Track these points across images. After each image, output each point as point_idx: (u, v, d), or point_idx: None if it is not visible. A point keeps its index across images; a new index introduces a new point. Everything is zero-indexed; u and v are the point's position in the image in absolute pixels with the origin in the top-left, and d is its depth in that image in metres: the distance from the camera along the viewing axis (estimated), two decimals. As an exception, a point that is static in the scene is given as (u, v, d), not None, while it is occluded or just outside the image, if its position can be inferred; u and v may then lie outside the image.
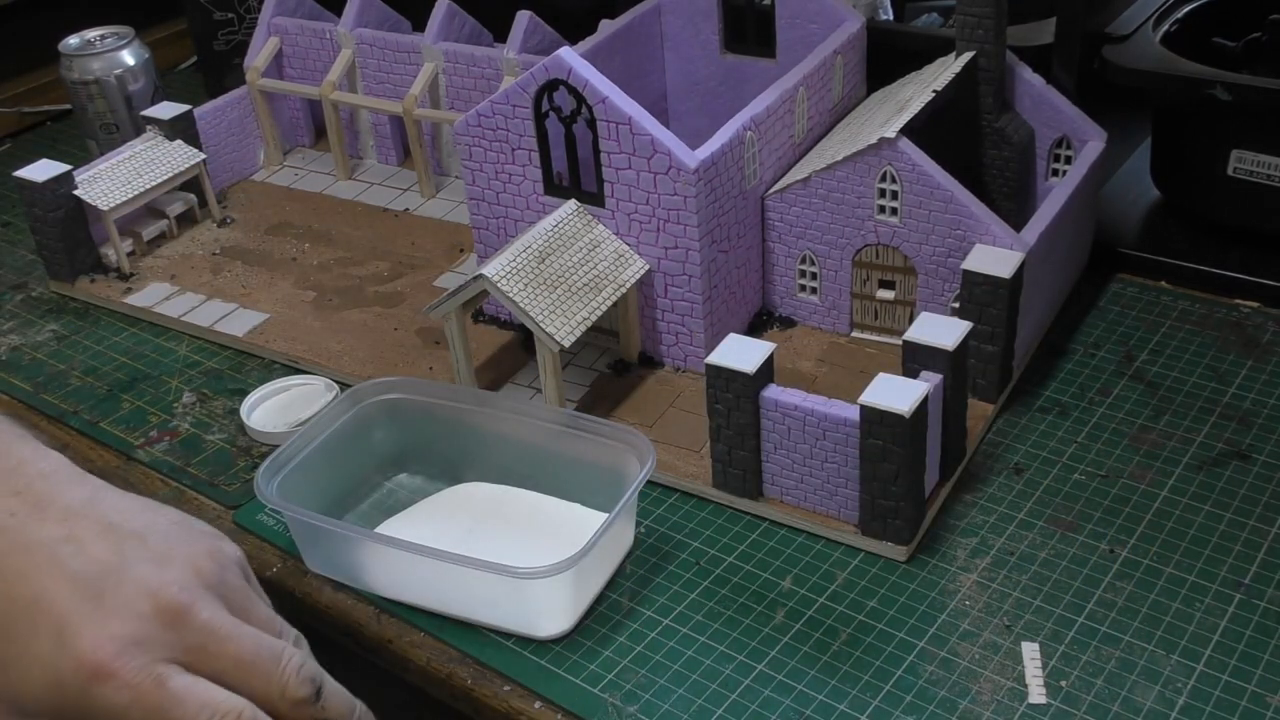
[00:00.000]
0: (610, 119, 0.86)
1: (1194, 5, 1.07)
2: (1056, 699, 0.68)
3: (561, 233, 0.89)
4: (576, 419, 0.81)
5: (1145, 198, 1.09)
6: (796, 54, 1.02)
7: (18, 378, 1.02)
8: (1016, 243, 0.86)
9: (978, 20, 0.94)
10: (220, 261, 1.13)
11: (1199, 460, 0.84)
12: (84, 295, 1.11)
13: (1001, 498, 0.82)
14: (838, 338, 0.96)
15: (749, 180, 0.92)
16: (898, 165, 0.87)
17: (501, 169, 0.93)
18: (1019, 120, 0.98)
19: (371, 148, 1.27)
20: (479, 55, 1.14)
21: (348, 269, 1.10)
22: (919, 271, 0.91)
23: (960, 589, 0.75)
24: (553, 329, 0.84)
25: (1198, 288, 1.00)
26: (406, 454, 0.86)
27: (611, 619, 0.75)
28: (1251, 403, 0.88)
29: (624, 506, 0.74)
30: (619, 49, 1.05)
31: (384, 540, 0.76)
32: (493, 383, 0.94)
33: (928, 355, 0.77)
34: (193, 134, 1.17)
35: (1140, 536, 0.78)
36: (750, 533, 0.81)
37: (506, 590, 0.72)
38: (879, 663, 0.71)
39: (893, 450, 0.73)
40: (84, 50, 1.25)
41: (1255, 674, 0.69)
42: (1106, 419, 0.88)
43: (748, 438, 0.79)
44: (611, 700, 0.70)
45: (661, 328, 0.93)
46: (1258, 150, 0.97)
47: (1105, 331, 0.96)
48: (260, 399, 0.94)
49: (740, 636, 0.74)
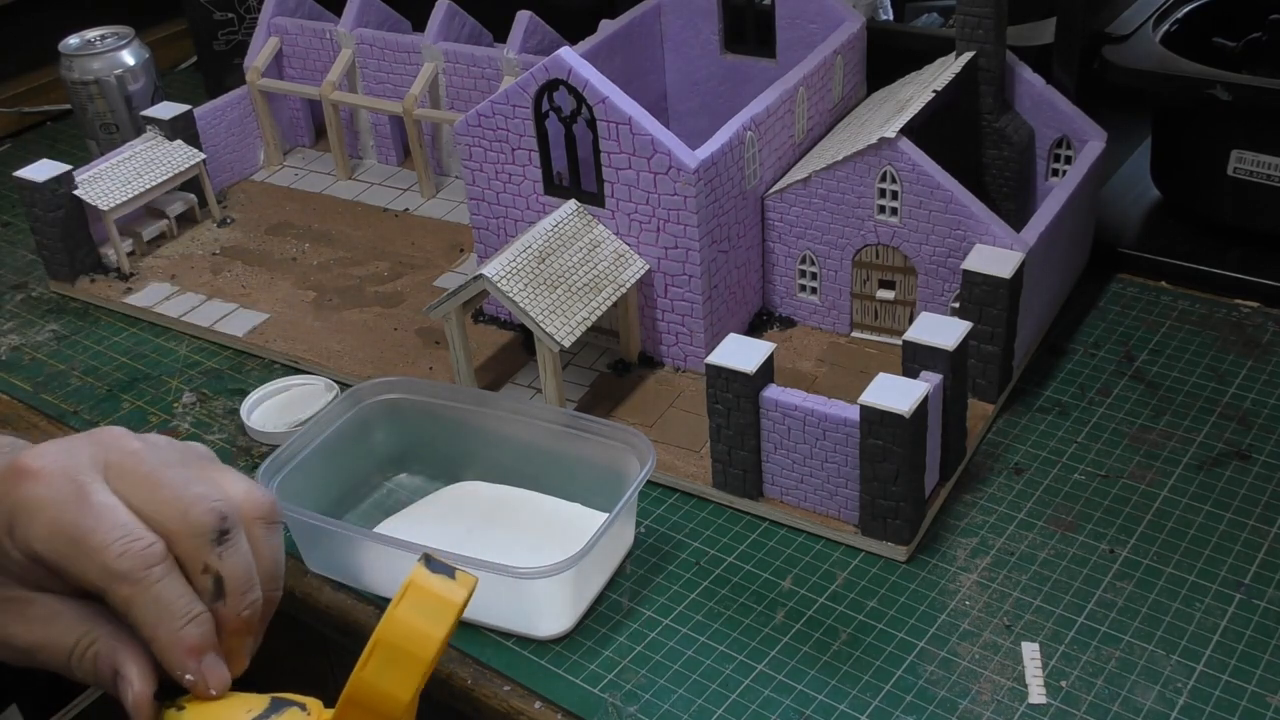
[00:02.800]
0: (610, 119, 0.86)
1: (1194, 5, 1.07)
2: (1056, 699, 0.68)
3: (561, 233, 0.89)
4: (576, 419, 0.80)
5: (1145, 198, 1.09)
6: (796, 54, 1.02)
7: (18, 378, 1.01)
8: (1016, 243, 0.86)
9: (978, 20, 0.94)
10: (220, 261, 1.13)
11: (1199, 460, 0.84)
12: (84, 295, 1.11)
13: (1001, 498, 0.82)
14: (838, 338, 0.96)
15: (749, 180, 0.91)
16: (898, 165, 0.87)
17: (501, 169, 0.93)
18: (1019, 120, 0.98)
19: (371, 148, 1.27)
20: (479, 55, 1.14)
21: (348, 269, 1.10)
22: (919, 271, 0.91)
23: (960, 589, 0.75)
24: (553, 329, 0.84)
25: (1198, 288, 1.00)
26: (406, 454, 0.86)
27: (611, 619, 0.75)
28: (1251, 403, 0.88)
29: (624, 506, 0.74)
30: (619, 49, 1.05)
31: (384, 540, 0.76)
32: (493, 383, 0.94)
33: (928, 355, 0.77)
34: (193, 134, 1.17)
35: (1140, 536, 0.78)
36: (750, 533, 0.81)
37: (506, 590, 0.72)
38: (879, 663, 0.71)
39: (893, 450, 0.73)
40: (84, 50, 1.25)
41: (1255, 674, 0.69)
42: (1106, 419, 0.88)
43: (748, 438, 0.79)
44: (611, 700, 0.70)
45: (661, 328, 0.93)
46: (1258, 150, 0.97)
47: (1105, 331, 0.96)
48: (260, 399, 0.94)
49: (740, 636, 0.74)
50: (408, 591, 0.50)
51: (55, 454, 0.56)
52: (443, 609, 0.50)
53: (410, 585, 0.50)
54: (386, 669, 0.49)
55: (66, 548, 0.54)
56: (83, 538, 0.53)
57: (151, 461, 0.56)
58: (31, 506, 0.54)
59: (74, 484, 0.55)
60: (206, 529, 0.55)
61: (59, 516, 0.54)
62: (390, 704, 0.49)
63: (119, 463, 0.56)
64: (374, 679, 0.49)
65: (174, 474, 0.56)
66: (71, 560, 0.54)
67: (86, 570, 0.54)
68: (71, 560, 0.54)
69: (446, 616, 0.50)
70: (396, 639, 0.49)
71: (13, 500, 0.55)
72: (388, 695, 0.49)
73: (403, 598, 0.50)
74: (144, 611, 0.54)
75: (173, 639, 0.54)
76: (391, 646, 0.49)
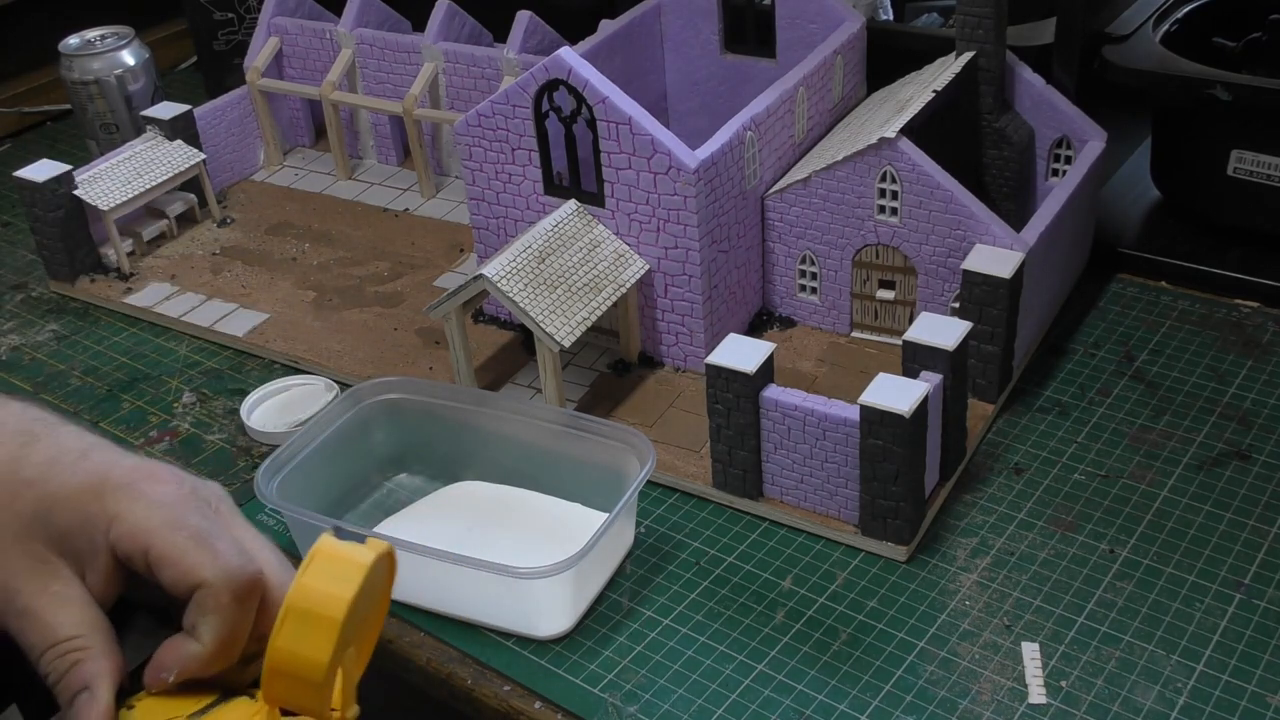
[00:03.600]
0: (610, 119, 0.86)
1: (1194, 5, 1.07)
2: (1056, 699, 0.68)
3: (561, 233, 0.89)
4: (576, 419, 0.80)
5: (1145, 198, 1.09)
6: (796, 54, 1.02)
7: (18, 378, 1.02)
8: (1016, 243, 0.86)
9: (978, 20, 0.94)
10: (220, 261, 1.13)
11: (1199, 460, 0.84)
12: (84, 295, 1.11)
13: (1001, 498, 0.82)
14: (838, 338, 0.96)
15: (749, 180, 0.91)
16: (898, 165, 0.87)
17: (501, 169, 0.93)
18: (1019, 120, 0.98)
19: (371, 148, 1.27)
20: (479, 55, 1.14)
21: (348, 269, 1.10)
22: (919, 271, 0.91)
23: (960, 589, 0.75)
24: (553, 329, 0.84)
25: (1198, 288, 1.00)
26: (406, 454, 0.86)
27: (611, 619, 0.75)
28: (1251, 403, 0.88)
29: (624, 506, 0.74)
30: (619, 49, 1.05)
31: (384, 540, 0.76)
32: (493, 383, 0.94)
33: (928, 355, 0.77)
34: (193, 134, 1.17)
35: (1140, 536, 0.78)
36: (750, 533, 0.81)
37: (506, 590, 0.72)
38: (879, 663, 0.71)
39: (893, 450, 0.73)
40: (84, 50, 1.25)
41: (1255, 674, 0.69)
42: (1106, 419, 0.88)
43: (748, 438, 0.79)
44: (611, 700, 0.70)
45: (661, 328, 0.93)
46: (1258, 150, 0.97)
47: (1105, 331, 0.96)
48: (260, 399, 0.94)
49: (740, 636, 0.74)
50: (314, 558, 0.51)
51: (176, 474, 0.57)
52: (350, 570, 0.51)
53: (315, 552, 0.51)
54: (299, 634, 0.50)
55: (187, 542, 0.54)
56: (206, 539, 0.54)
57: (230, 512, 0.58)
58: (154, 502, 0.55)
59: (199, 500, 0.56)
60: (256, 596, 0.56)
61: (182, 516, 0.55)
62: (310, 668, 0.50)
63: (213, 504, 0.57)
64: (289, 645, 0.50)
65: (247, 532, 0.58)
66: (186, 553, 0.54)
67: (200, 564, 0.54)
68: (186, 553, 0.54)
69: (354, 577, 0.51)
70: (305, 603, 0.50)
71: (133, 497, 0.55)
72: (306, 659, 0.50)
73: (309, 564, 0.50)
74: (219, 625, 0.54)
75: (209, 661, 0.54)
76: (301, 611, 0.50)
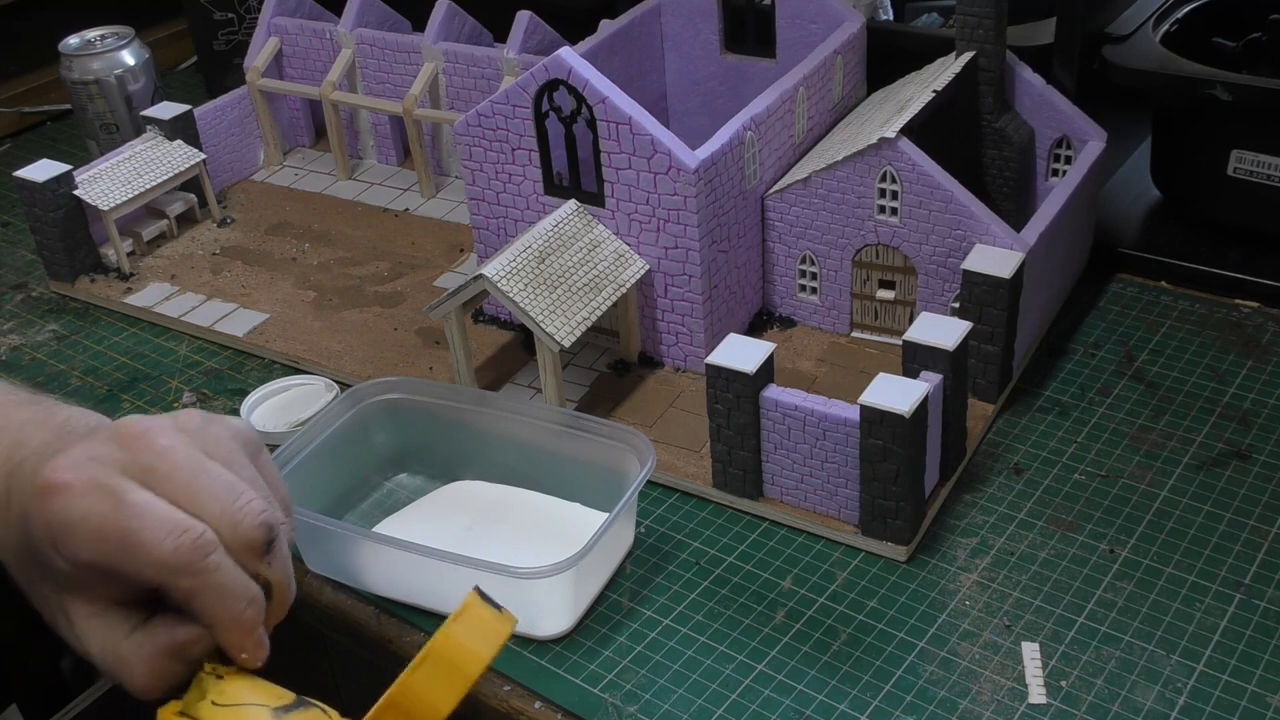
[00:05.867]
0: (610, 119, 0.86)
1: (1194, 5, 1.07)
2: (1056, 699, 0.68)
3: (561, 233, 0.89)
4: (576, 419, 0.80)
5: (1145, 198, 1.09)
6: (796, 54, 1.02)
7: (18, 378, 1.01)
8: (1016, 243, 0.86)
9: (978, 20, 0.94)
10: (220, 261, 1.13)
11: (1199, 460, 0.84)
12: (84, 295, 1.11)
13: (1001, 498, 0.82)
14: (838, 338, 0.96)
15: (749, 180, 0.91)
16: (898, 165, 0.87)
17: (501, 169, 0.93)
18: (1019, 120, 0.98)
19: (371, 148, 1.27)
20: (479, 55, 1.14)
21: (348, 269, 1.10)
22: (919, 271, 0.91)
23: (960, 589, 0.75)
24: (553, 329, 0.84)
25: (1198, 288, 1.00)
26: (406, 454, 0.86)
27: (611, 619, 0.75)
28: (1251, 403, 0.88)
29: (624, 506, 0.74)
30: (619, 49, 1.05)
31: (384, 540, 0.76)
32: (493, 383, 0.94)
33: (928, 355, 0.77)
34: (193, 134, 1.17)
35: (1140, 536, 0.78)
36: (750, 533, 0.81)
37: (506, 590, 0.72)
38: (879, 663, 0.71)
39: (893, 450, 0.73)
40: (84, 50, 1.25)
41: (1255, 674, 0.69)
42: (1106, 419, 0.88)
43: (748, 438, 0.79)
44: (611, 700, 0.70)
45: (661, 328, 0.93)
46: (1258, 150, 0.97)
47: (1105, 331, 0.96)
48: (260, 399, 0.94)
49: (740, 636, 0.74)
50: (465, 612, 0.51)
51: (79, 463, 0.54)
52: (493, 634, 0.52)
53: (467, 607, 0.52)
54: (434, 679, 0.51)
55: (117, 552, 0.53)
56: (130, 540, 0.53)
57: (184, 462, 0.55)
58: (69, 522, 0.53)
59: (104, 490, 0.53)
60: (258, 543, 0.55)
61: (100, 525, 0.53)
62: (429, 713, 0.50)
63: (150, 465, 0.55)
64: (420, 686, 0.50)
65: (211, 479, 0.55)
66: (125, 562, 0.53)
67: (142, 569, 0.53)
68: (125, 562, 0.53)
69: (495, 641, 0.52)
70: (449, 653, 0.51)
71: (47, 519, 0.54)
72: (429, 704, 0.51)
73: (459, 617, 0.51)
74: (207, 599, 0.54)
75: (237, 621, 0.54)
76: (443, 659, 0.51)
